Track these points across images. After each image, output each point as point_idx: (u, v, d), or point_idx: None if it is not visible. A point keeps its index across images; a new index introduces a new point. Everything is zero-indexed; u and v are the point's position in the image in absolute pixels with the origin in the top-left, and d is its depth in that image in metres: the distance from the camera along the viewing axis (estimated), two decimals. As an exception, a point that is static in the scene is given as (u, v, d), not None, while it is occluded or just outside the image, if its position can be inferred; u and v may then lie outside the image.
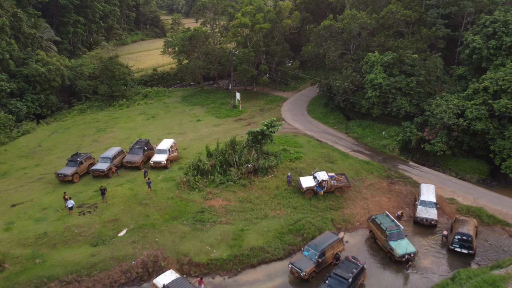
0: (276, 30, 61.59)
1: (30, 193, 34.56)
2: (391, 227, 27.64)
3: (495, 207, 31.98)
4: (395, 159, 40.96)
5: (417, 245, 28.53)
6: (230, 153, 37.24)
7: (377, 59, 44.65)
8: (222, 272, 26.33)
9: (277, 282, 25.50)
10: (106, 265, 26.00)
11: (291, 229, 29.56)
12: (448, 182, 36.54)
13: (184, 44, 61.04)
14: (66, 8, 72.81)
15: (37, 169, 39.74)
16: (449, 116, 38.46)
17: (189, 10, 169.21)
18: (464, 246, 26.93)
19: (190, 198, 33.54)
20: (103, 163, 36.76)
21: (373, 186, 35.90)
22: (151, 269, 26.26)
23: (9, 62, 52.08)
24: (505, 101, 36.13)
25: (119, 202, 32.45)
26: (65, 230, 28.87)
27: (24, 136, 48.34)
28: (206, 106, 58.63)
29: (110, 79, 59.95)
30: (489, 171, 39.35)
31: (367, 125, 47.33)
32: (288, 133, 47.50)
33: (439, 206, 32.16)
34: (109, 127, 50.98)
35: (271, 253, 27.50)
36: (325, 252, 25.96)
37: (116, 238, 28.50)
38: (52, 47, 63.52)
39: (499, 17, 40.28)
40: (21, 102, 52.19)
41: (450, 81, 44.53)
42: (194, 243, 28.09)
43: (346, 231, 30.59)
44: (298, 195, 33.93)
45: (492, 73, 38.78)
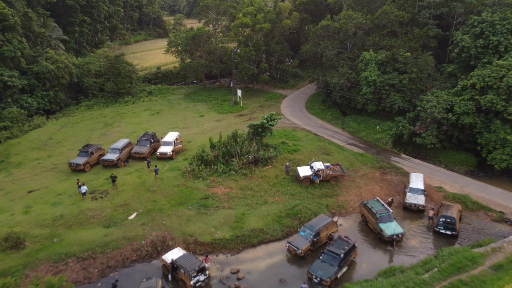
0: (276, 30, 63.94)
1: (44, 181, 36.90)
2: (381, 211, 29.94)
3: (479, 195, 34.27)
4: (388, 152, 43.25)
5: (406, 228, 30.84)
6: (232, 144, 39.54)
7: (371, 57, 46.97)
8: (225, 250, 28.63)
9: (276, 259, 27.78)
10: (118, 244, 28.29)
11: (288, 213, 31.86)
12: (437, 172, 38.83)
13: (188, 43, 63.43)
14: (73, 8, 75.23)
15: (50, 160, 42.07)
16: (438, 111, 40.74)
17: (190, 11, 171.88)
18: (448, 228, 29.22)
19: (194, 186, 35.82)
20: (113, 154, 39.09)
21: (366, 176, 38.19)
22: (160, 248, 28.55)
23: (21, 59, 54.43)
24: (490, 97, 38.42)
25: (128, 189, 34.75)
26: (80, 213, 31.17)
27: (36, 130, 50.68)
28: (209, 103, 60.95)
29: (116, 77, 62.27)
30: (477, 163, 41.58)
31: (362, 120, 49.62)
32: (287, 128, 49.77)
33: (427, 193, 34.48)
34: (116, 122, 53.32)
35: (270, 234, 29.80)
36: (320, 232, 28.25)
37: (126, 221, 30.79)
38: (60, 46, 65.89)
39: (487, 17, 42.59)
40: (32, 98, 54.51)
41: (441, 78, 46.83)
42: (199, 225, 30.38)
43: (340, 215, 32.90)
44: (295, 184, 36.22)
45: (479, 71, 41.06)
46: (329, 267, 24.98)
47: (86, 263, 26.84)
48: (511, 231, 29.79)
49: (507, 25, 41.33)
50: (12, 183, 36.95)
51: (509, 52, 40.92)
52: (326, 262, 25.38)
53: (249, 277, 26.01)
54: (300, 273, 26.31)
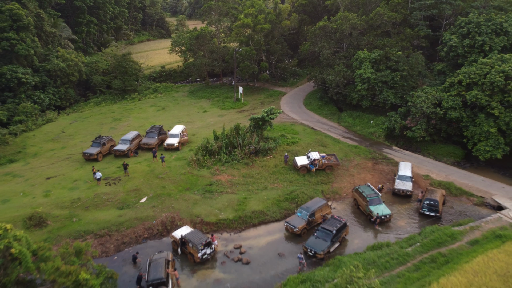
0: (276, 30, 66.87)
1: (61, 169, 39.77)
2: (371, 195, 32.80)
3: (463, 182, 37.12)
4: (381, 144, 46.10)
5: (395, 210, 33.70)
6: (234, 136, 42.43)
7: (365, 56, 49.88)
8: (228, 229, 31.46)
9: (275, 236, 30.62)
10: (132, 224, 31.12)
11: (287, 198, 34.71)
12: (425, 162, 41.70)
13: (192, 42, 66.37)
14: (81, 9, 78.20)
15: (64, 151, 44.95)
16: (427, 106, 43.58)
17: (192, 12, 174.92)
18: (432, 210, 32.07)
19: (200, 174, 38.69)
20: (123, 145, 42.00)
21: (359, 165, 41.04)
22: (169, 227, 31.36)
23: (33, 57, 57.34)
24: (475, 92, 41.26)
25: (139, 176, 37.60)
26: (95, 196, 34.01)
27: (48, 124, 53.57)
28: (211, 100, 63.86)
29: (123, 75, 65.18)
30: (463, 155, 44.41)
31: (357, 115, 52.50)
32: (286, 122, 52.62)
33: (414, 180, 37.35)
34: (124, 117, 56.22)
35: (269, 216, 32.64)
36: (315, 213, 31.09)
37: (138, 204, 33.63)
38: (69, 45, 68.84)
39: (473, 19, 45.51)
40: (44, 94, 57.43)
41: (431, 76, 49.72)
42: (205, 208, 33.23)
43: (334, 200, 35.75)
44: (293, 172, 39.08)
45: (466, 68, 43.92)
46: (323, 242, 27.82)
47: (103, 240, 29.67)
48: (489, 213, 32.61)
49: (492, 26, 44.22)
50: (31, 170, 39.84)
51: (493, 51, 43.80)
52: (320, 238, 28.23)
53: (251, 251, 28.83)
54: (296, 248, 29.12)
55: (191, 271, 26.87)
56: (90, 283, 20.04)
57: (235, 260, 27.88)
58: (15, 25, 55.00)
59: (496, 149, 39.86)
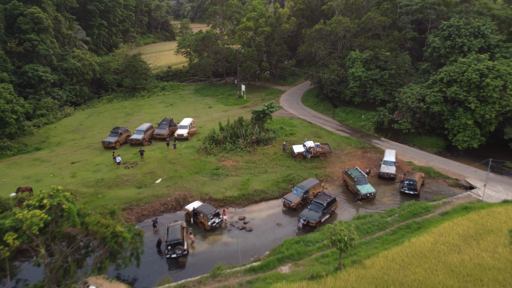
0: (276, 33, 71.75)
1: (83, 155, 44.52)
2: (359, 176, 37.50)
3: (441, 167, 41.83)
4: (370, 136, 50.81)
5: (380, 190, 38.36)
6: (238, 127, 47.18)
7: (357, 56, 54.69)
8: (234, 205, 36.12)
9: (274, 210, 35.28)
10: (149, 200, 35.80)
11: (284, 179, 39.40)
12: (409, 151, 46.42)
13: (198, 44, 71.26)
14: (92, 13, 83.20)
15: (84, 140, 49.71)
16: (412, 101, 48.31)
17: (194, 15, 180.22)
18: (411, 189, 36.72)
19: (207, 160, 43.41)
20: (138, 134, 46.78)
21: (350, 154, 45.76)
22: (182, 203, 36.01)
23: (52, 57, 62.20)
24: (454, 88, 45.95)
25: (153, 161, 42.32)
26: (116, 177, 38.71)
27: (67, 118, 58.37)
28: (216, 97, 68.66)
29: (133, 74, 70.00)
30: (445, 145, 49.06)
31: (350, 110, 57.26)
32: (285, 117, 57.35)
33: (398, 165, 42.01)
34: (135, 112, 61.01)
35: (269, 194, 37.32)
36: (309, 191, 35.76)
37: (154, 184, 38.32)
38: (83, 46, 73.73)
39: (454, 23, 50.32)
40: (61, 91, 62.19)
41: (416, 74, 54.50)
42: (213, 187, 37.92)
43: (326, 182, 40.42)
44: (291, 159, 43.79)
45: (447, 67, 48.68)
46: (315, 213, 32.46)
47: (125, 212, 34.27)
48: (461, 192, 37.27)
49: (470, 29, 49.02)
50: (56, 157, 44.58)
51: (471, 51, 48.55)
52: (313, 210, 32.88)
53: (253, 222, 33.47)
54: (292, 219, 33.76)
55: (202, 237, 31.51)
56: (124, 235, 24.75)
57: (240, 228, 32.53)
58: (36, 27, 59.90)
59: (472, 139, 44.52)
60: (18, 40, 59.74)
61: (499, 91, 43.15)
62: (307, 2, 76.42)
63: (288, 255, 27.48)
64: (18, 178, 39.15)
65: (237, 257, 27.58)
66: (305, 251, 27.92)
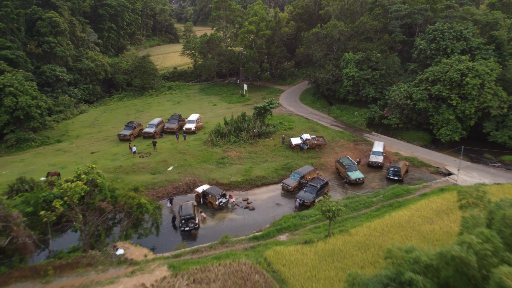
0: (276, 36, 76.45)
1: (101, 146, 49.13)
2: (349, 163, 42.09)
3: (424, 156, 46.41)
4: (362, 131, 55.38)
5: (369, 176, 42.87)
6: (241, 122, 51.80)
7: (351, 57, 59.35)
8: (238, 189, 40.66)
9: (274, 193, 39.84)
10: (163, 184, 40.34)
11: (283, 167, 43.97)
12: (397, 143, 51.00)
13: (203, 46, 76.03)
14: (103, 17, 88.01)
15: (100, 134, 54.35)
16: (400, 98, 52.92)
17: (197, 18, 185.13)
18: (395, 175, 41.26)
19: (213, 151, 48.00)
20: (150, 128, 51.43)
21: (343, 146, 50.34)
22: (192, 187, 40.55)
23: (68, 58, 66.91)
24: (438, 87, 50.52)
25: (165, 151, 46.91)
26: (133, 165, 43.29)
27: (82, 114, 63.07)
28: (220, 96, 73.34)
29: (142, 74, 74.71)
30: (431, 139, 53.54)
31: (344, 108, 61.87)
32: (284, 114, 61.95)
33: (385, 155, 46.55)
34: (145, 109, 65.68)
35: (269, 179, 41.87)
36: (305, 176, 40.30)
37: (166, 171, 42.89)
38: (95, 48, 78.47)
39: (439, 27, 54.98)
40: (76, 89, 66.88)
41: (405, 74, 59.14)
42: (219, 174, 42.48)
43: (321, 170, 44.97)
44: (289, 150, 48.36)
45: (432, 68, 53.29)
46: (310, 194, 37.00)
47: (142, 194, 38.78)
48: (440, 177, 41.80)
49: (453, 32, 53.67)
50: (77, 148, 49.20)
51: (454, 53, 53.17)
52: (308, 191, 37.43)
53: (255, 202, 38.02)
54: (290, 200, 38.29)
55: (211, 214, 36.05)
56: (147, 206, 29.33)
57: (243, 207, 37.07)
58: (53, 31, 64.65)
59: (454, 133, 49.08)
60: (37, 42, 64.45)
61: (477, 89, 47.70)
62: (306, 7, 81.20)
63: (285, 226, 32.06)
64: (45, 165, 43.75)
65: (242, 230, 32.17)
66: (300, 223, 32.50)
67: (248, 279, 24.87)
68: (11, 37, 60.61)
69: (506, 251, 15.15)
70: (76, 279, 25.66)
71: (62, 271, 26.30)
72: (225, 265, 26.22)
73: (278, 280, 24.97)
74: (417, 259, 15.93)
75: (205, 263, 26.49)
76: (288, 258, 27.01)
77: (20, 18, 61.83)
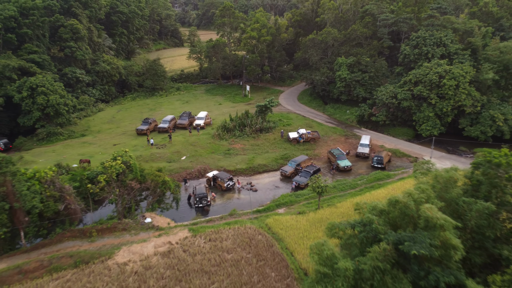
0: (276, 41, 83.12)
1: (121, 139, 55.69)
2: (339, 153, 48.63)
3: (406, 148, 52.92)
4: (353, 127, 61.89)
5: (357, 165, 49.30)
6: (245, 118, 58.36)
7: (343, 61, 65.94)
8: (243, 175, 47.11)
9: (273, 178, 46.31)
10: (178, 170, 46.81)
11: (282, 157, 50.47)
12: (383, 138, 57.51)
13: (209, 50, 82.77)
14: (115, 23, 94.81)
15: (119, 129, 60.93)
16: (386, 97, 59.43)
17: (200, 22, 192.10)
18: (378, 163, 47.71)
19: (220, 143, 54.50)
20: (164, 124, 58.00)
21: (335, 139, 56.84)
22: (203, 173, 47.01)
23: (87, 61, 73.57)
24: (420, 87, 56.99)
25: (178, 144, 53.43)
26: (151, 154, 49.80)
27: (100, 112, 69.68)
28: (224, 96, 79.95)
29: (153, 76, 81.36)
30: (414, 134, 59.89)
31: (337, 106, 68.42)
32: (283, 112, 68.49)
33: (371, 147, 53.03)
34: (157, 108, 72.28)
35: (270, 167, 48.36)
36: (300, 164, 46.78)
37: (180, 160, 49.37)
38: (110, 52, 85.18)
39: (421, 34, 61.57)
40: (94, 90, 73.52)
41: (392, 76, 65.73)
42: (226, 162, 48.98)
43: (314, 159, 51.47)
44: (287, 143, 54.86)
45: (415, 70, 59.83)
46: (304, 178, 43.46)
47: (160, 179, 45.31)
48: (418, 166, 48.22)
49: (433, 39, 60.23)
50: (100, 140, 55.76)
51: (434, 58, 59.72)
52: (303, 176, 43.91)
53: (258, 185, 44.46)
54: (287, 184, 44.72)
55: (220, 194, 42.51)
56: (170, 183, 35.84)
57: (247, 189, 43.55)
58: (74, 36, 71.31)
59: (434, 128, 55.55)
60: (59, 47, 71.14)
61: (453, 90, 54.23)
62: (303, 14, 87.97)
63: (283, 202, 38.58)
64: (74, 155, 50.25)
65: (247, 206, 38.64)
66: (295, 200, 39.01)
67: (252, 238, 31.36)
68: (37, 43, 67.27)
69: (435, 199, 21.61)
70: (115, 240, 32.15)
71: (103, 233, 32.79)
72: (234, 228, 32.72)
73: (276, 239, 31.46)
74: (374, 207, 22.41)
75: (218, 227, 33.00)
76: (284, 224, 33.50)
77: (44, 25, 68.50)
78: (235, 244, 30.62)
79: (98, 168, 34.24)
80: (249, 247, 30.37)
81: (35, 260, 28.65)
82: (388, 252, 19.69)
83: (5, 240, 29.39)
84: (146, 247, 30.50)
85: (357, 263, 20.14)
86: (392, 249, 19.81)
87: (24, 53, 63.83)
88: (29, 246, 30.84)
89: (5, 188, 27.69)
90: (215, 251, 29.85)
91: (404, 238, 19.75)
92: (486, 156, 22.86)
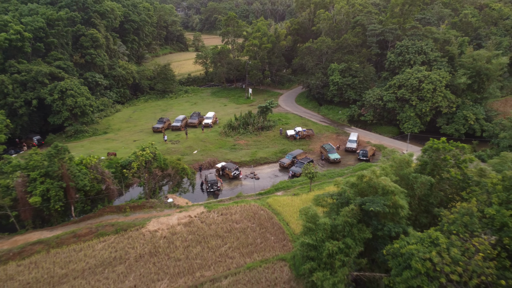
0: (276, 48, 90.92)
1: (139, 136, 63.44)
2: (330, 148, 56.38)
3: (388, 144, 60.61)
4: (344, 125, 69.60)
5: (346, 158, 56.94)
6: (248, 118, 66.12)
7: (336, 67, 73.69)
8: (246, 166, 54.78)
9: (273, 169, 54.02)
10: (191, 162, 54.47)
11: (280, 151, 58.19)
12: (370, 135, 65.22)
13: (215, 56, 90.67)
14: (127, 30, 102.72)
15: (136, 127, 68.71)
16: (373, 99, 67.12)
17: (202, 27, 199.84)
18: (364, 156, 55.39)
19: (226, 140, 62.23)
20: (177, 123, 65.82)
21: (328, 136, 64.55)
22: (212, 164, 54.73)
23: (105, 67, 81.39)
24: (402, 90, 64.64)
25: (190, 140, 61.17)
26: (167, 149, 57.50)
27: (118, 113, 77.50)
28: (229, 98, 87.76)
29: (163, 80, 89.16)
30: (398, 132, 67.53)
31: (331, 108, 76.16)
32: (282, 113, 76.22)
33: (359, 143, 60.71)
34: (168, 109, 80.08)
35: (270, 159, 56.09)
36: (296, 156, 54.48)
37: (192, 153, 57.08)
38: (124, 58, 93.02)
39: (404, 43, 69.30)
40: (111, 92, 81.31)
41: (379, 80, 73.48)
42: (232, 155, 56.69)
43: (309, 153, 59.17)
44: (285, 139, 62.59)
45: (399, 76, 67.52)
46: (299, 168, 51.08)
47: (176, 169, 53.01)
48: (398, 158, 55.88)
49: (415, 48, 67.92)
50: (121, 137, 63.50)
51: (416, 64, 67.40)
52: (298, 166, 51.59)
53: (260, 175, 52.14)
54: (285, 174, 52.37)
55: (228, 182, 50.19)
56: (187, 170, 43.51)
57: (251, 177, 51.25)
58: (94, 44, 79.13)
59: (414, 127, 63.21)
60: (80, 54, 78.97)
61: (431, 93, 61.92)
62: (301, 23, 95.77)
63: (281, 187, 46.25)
64: (100, 149, 57.96)
65: (251, 191, 46.25)
66: (291, 185, 46.70)
67: (256, 213, 39.04)
68: (61, 50, 75.07)
69: (392, 174, 29.31)
70: (145, 214, 39.83)
71: (135, 210, 40.47)
72: (241, 206, 40.40)
73: (275, 213, 39.12)
74: (347, 181, 30.15)
75: (228, 205, 40.68)
76: (282, 202, 41.17)
77: (68, 34, 76.31)
78: (242, 217, 38.29)
79: (130, 157, 41.93)
80: (253, 219, 38.03)
81: (85, 227, 36.35)
82: (355, 211, 27.46)
83: (59, 212, 37.09)
84: (171, 219, 38.18)
85: (333, 219, 27.87)
86: (358, 209, 27.60)
87: (50, 60, 71.58)
88: (77, 218, 38.55)
89: (62, 171, 35.38)
90: (226, 222, 37.53)
91: (366, 201, 27.54)
92: (431, 144, 30.59)
